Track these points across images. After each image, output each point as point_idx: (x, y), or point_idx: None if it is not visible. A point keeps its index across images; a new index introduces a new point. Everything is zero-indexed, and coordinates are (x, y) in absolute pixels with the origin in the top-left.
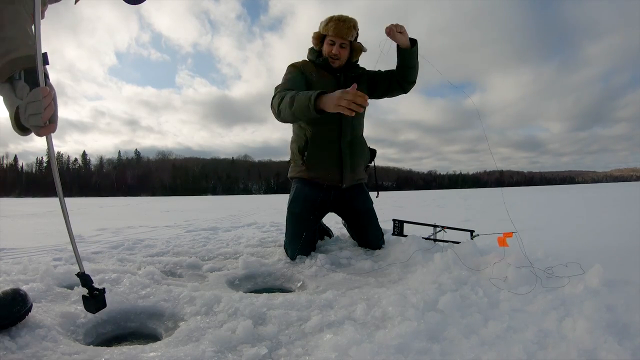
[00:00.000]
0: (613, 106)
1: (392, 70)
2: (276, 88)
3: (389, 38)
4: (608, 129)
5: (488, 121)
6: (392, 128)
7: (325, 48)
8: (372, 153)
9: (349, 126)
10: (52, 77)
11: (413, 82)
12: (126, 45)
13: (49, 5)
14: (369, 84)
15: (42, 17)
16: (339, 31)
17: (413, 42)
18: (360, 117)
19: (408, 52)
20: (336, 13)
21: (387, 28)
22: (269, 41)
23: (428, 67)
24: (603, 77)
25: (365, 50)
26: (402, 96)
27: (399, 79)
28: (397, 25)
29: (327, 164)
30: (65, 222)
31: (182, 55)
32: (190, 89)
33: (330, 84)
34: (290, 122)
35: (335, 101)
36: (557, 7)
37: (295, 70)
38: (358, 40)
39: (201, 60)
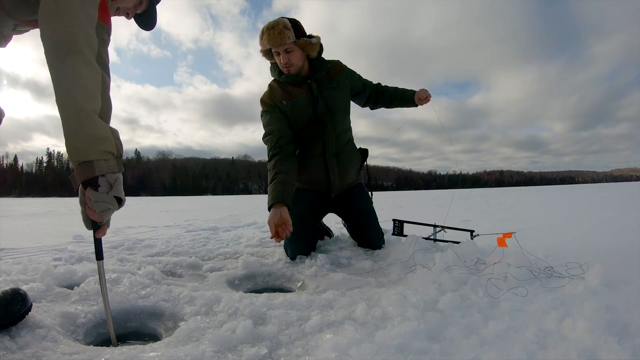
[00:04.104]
0: (617, 105)
1: (379, 88)
2: (264, 139)
3: (420, 103)
4: (611, 128)
5: (491, 120)
6: (394, 128)
7: (277, 61)
8: (364, 154)
9: (332, 139)
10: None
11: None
12: (126, 41)
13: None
14: (349, 87)
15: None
16: (273, 40)
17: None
18: (344, 123)
19: (412, 105)
20: (275, 18)
21: (426, 99)
22: None
23: (431, 66)
24: (609, 76)
25: (317, 41)
26: None
27: (388, 105)
28: (428, 99)
29: (315, 178)
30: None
31: (182, 51)
32: (191, 87)
33: (304, 102)
34: None
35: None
36: (564, 6)
37: (269, 110)
38: (308, 34)
39: (202, 56)
